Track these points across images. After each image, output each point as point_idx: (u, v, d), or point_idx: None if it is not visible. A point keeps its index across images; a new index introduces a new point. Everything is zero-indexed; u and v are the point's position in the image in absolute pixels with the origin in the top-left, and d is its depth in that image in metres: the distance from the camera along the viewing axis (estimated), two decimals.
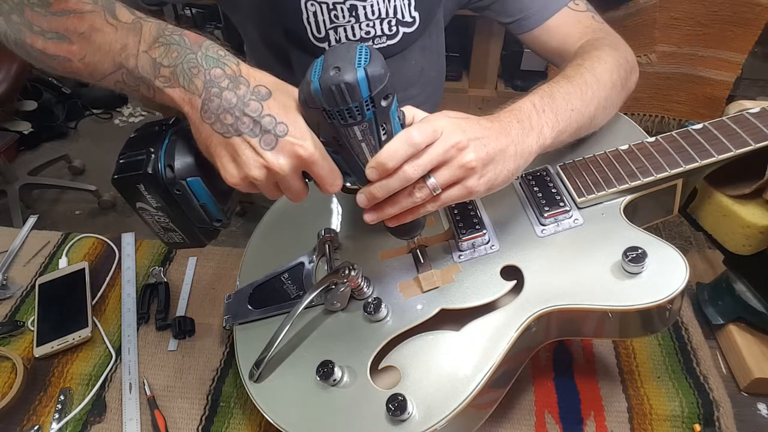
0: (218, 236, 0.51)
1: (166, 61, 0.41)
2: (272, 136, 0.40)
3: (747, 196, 0.58)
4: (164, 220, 0.47)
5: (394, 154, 0.41)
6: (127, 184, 0.44)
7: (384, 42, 0.66)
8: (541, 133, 0.48)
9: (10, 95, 1.82)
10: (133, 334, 0.67)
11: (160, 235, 0.49)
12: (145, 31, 0.42)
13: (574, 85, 0.53)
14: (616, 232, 0.52)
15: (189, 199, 0.45)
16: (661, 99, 1.93)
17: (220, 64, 0.41)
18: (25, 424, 0.59)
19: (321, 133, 0.42)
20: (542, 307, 0.48)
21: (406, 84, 0.74)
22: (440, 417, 0.45)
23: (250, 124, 0.40)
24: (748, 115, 0.55)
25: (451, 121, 0.44)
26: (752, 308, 0.61)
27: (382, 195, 0.43)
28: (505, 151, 0.45)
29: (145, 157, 0.43)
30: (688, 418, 0.57)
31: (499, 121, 0.47)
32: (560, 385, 0.60)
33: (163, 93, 0.42)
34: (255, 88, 0.41)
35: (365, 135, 0.40)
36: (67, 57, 0.44)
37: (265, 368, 0.53)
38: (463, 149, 0.43)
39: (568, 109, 0.51)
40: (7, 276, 0.75)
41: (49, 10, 0.43)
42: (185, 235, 0.48)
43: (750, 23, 1.64)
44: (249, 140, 0.40)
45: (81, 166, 2.29)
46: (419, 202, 0.44)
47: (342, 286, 0.54)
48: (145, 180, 0.43)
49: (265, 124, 0.40)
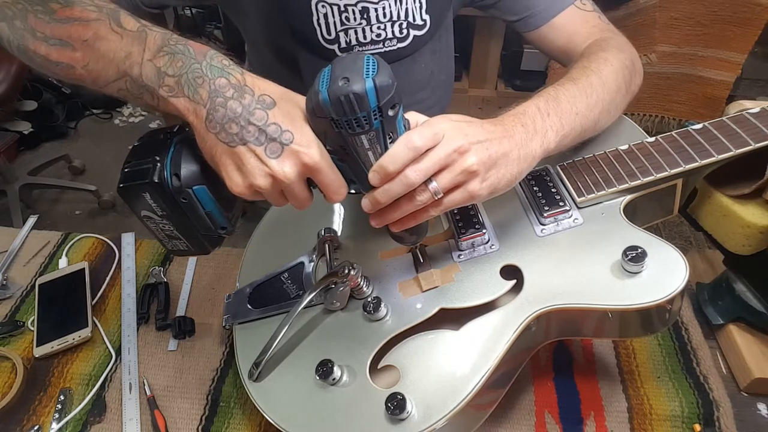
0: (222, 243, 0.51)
1: (171, 71, 0.41)
2: (278, 144, 0.40)
3: (747, 196, 0.58)
4: (169, 227, 0.47)
5: (395, 158, 0.41)
6: (133, 193, 0.44)
7: (394, 45, 0.65)
8: (545, 137, 0.48)
9: (10, 95, 1.82)
10: (133, 334, 0.67)
11: (164, 243, 0.49)
12: (149, 39, 0.42)
13: (580, 89, 0.53)
14: (616, 232, 0.52)
15: (195, 208, 0.45)
16: (661, 99, 1.93)
17: (224, 73, 0.41)
18: (25, 424, 0.59)
19: (328, 141, 0.42)
20: (542, 306, 0.48)
21: (416, 88, 0.74)
22: (439, 416, 0.45)
23: (255, 133, 0.40)
24: (748, 115, 0.55)
25: (453, 124, 0.44)
26: (752, 308, 0.61)
27: (386, 200, 0.43)
28: (508, 155, 0.45)
29: (151, 166, 0.43)
30: (688, 418, 0.57)
31: (502, 125, 0.46)
32: (560, 385, 0.60)
33: (167, 102, 0.42)
34: (260, 97, 0.41)
35: (372, 144, 0.41)
36: (71, 64, 0.44)
37: (264, 368, 0.53)
38: (465, 153, 0.43)
39: (573, 112, 0.51)
40: (7, 276, 0.75)
41: (53, 17, 0.43)
42: (189, 242, 0.48)
43: (750, 23, 1.65)
44: (254, 149, 0.40)
45: (81, 166, 2.29)
46: (421, 206, 0.44)
47: (342, 286, 0.54)
48: (151, 189, 0.43)
49: (270, 132, 0.40)
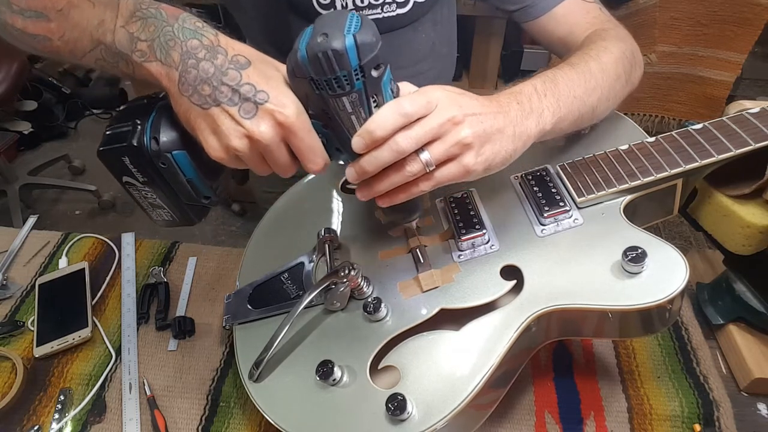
0: (208, 214, 0.50)
1: (144, 35, 0.40)
2: (252, 104, 0.39)
3: (747, 196, 0.58)
4: (152, 196, 0.46)
5: (382, 123, 0.39)
6: (112, 157, 0.43)
7: (393, 10, 0.63)
8: (541, 117, 0.47)
9: (10, 95, 1.82)
10: (133, 334, 0.67)
11: (148, 212, 0.48)
12: (122, 5, 0.41)
13: (578, 73, 0.52)
14: (616, 232, 0.52)
15: (175, 174, 0.44)
16: (661, 99, 1.93)
17: (197, 35, 0.40)
18: (25, 424, 0.59)
19: (310, 105, 0.40)
20: (542, 307, 0.48)
21: (417, 58, 0.72)
22: (440, 417, 0.45)
23: (229, 93, 0.39)
24: (748, 115, 0.55)
25: (447, 94, 0.42)
26: (752, 308, 0.61)
27: (372, 168, 0.41)
28: (503, 131, 0.44)
29: (130, 129, 0.42)
30: (688, 418, 0.57)
31: (497, 101, 0.45)
32: (560, 385, 0.60)
33: (141, 68, 0.41)
34: (233, 58, 0.40)
35: (355, 107, 0.39)
36: (47, 36, 0.43)
37: (264, 368, 0.53)
38: (459, 124, 0.41)
39: (571, 96, 0.50)
40: (7, 276, 0.75)
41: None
42: (173, 212, 0.47)
43: (750, 23, 1.64)
44: (228, 109, 0.39)
45: (81, 166, 2.29)
46: (411, 177, 0.42)
47: (342, 286, 0.54)
48: (130, 152, 0.42)
49: (244, 92, 0.39)
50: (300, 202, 0.68)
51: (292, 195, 0.69)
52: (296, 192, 0.69)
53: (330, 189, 0.68)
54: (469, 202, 0.58)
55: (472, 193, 0.60)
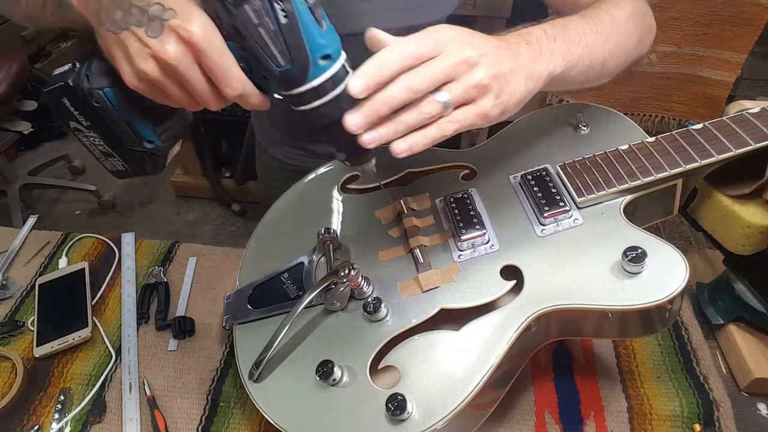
0: (165, 165, 0.50)
1: None
2: (158, 22, 0.37)
3: (747, 196, 0.58)
4: (99, 142, 0.46)
5: (384, 62, 0.37)
6: (54, 99, 0.43)
7: None
8: (551, 59, 0.45)
9: (10, 95, 1.82)
10: (133, 334, 0.67)
11: (101, 162, 0.48)
12: None
13: (589, 23, 0.50)
14: (616, 232, 0.52)
15: (110, 113, 0.44)
16: (661, 99, 1.93)
17: None
18: (25, 424, 0.59)
19: (223, 25, 0.39)
20: (542, 307, 0.48)
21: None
22: (440, 417, 0.45)
23: (138, 15, 0.38)
24: (748, 115, 0.55)
25: (458, 33, 0.40)
26: (752, 308, 0.61)
27: (384, 109, 0.38)
28: (516, 72, 0.42)
29: (68, 69, 0.43)
30: (688, 418, 0.57)
31: (507, 42, 0.43)
32: (560, 385, 0.60)
33: (71, 9, 0.41)
34: None
35: (260, 17, 0.36)
36: None
37: (264, 368, 0.53)
38: (475, 65, 0.39)
39: (582, 43, 0.48)
40: (7, 276, 0.75)
41: None
42: (125, 161, 0.47)
43: (750, 23, 1.64)
44: (136, 31, 0.38)
45: (81, 166, 2.29)
46: (427, 118, 0.39)
47: (342, 286, 0.54)
48: (67, 93, 0.42)
49: (152, 12, 0.37)
50: (300, 201, 0.68)
51: (292, 195, 0.69)
52: (296, 192, 0.69)
53: (330, 189, 0.68)
54: (469, 202, 0.58)
55: (472, 193, 0.60)
